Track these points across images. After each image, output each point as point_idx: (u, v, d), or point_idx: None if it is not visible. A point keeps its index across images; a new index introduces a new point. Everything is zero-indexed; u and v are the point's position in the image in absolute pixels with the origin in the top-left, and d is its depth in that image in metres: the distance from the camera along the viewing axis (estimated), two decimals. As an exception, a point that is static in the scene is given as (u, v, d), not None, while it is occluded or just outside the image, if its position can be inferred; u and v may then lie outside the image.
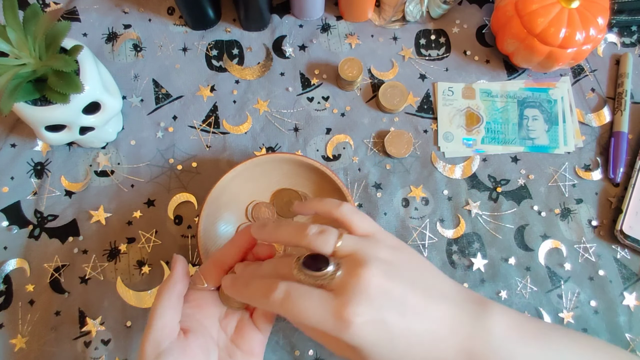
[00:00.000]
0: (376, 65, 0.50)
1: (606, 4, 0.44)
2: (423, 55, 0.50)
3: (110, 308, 0.41)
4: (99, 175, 0.45)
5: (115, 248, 0.43)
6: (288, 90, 0.48)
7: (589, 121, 0.48)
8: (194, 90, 0.48)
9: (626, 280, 0.43)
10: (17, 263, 0.42)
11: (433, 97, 0.49)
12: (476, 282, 0.43)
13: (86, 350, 0.40)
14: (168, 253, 0.43)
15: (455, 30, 0.51)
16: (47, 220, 0.43)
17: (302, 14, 0.50)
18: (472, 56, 0.50)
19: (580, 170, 0.47)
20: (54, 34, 0.36)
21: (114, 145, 0.46)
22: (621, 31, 0.52)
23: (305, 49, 0.50)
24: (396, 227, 0.45)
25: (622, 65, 0.50)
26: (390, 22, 0.51)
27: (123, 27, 0.49)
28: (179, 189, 0.45)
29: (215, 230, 0.41)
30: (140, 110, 0.47)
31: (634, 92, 0.49)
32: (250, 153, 0.46)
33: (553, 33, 0.43)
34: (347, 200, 0.40)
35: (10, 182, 0.44)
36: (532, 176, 0.46)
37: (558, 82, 0.49)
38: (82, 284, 0.42)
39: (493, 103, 0.48)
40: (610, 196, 0.46)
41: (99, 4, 0.50)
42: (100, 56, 0.48)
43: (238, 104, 0.48)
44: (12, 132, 0.46)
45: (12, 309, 0.41)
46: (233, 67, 0.49)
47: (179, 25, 0.50)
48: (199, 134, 0.47)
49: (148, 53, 0.49)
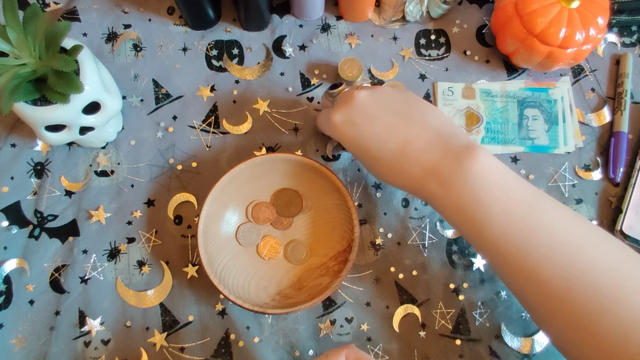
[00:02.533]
0: (376, 65, 0.50)
1: (606, 4, 0.44)
2: (423, 55, 0.50)
3: (110, 308, 0.41)
4: (99, 175, 0.45)
5: (115, 248, 0.43)
6: (288, 90, 0.48)
7: (589, 121, 0.48)
8: (194, 90, 0.48)
9: (626, 280, 0.43)
10: (17, 263, 0.42)
11: (433, 97, 0.49)
12: (476, 282, 0.43)
13: (86, 350, 0.40)
14: (168, 253, 0.43)
15: (455, 30, 0.51)
16: (47, 220, 0.43)
17: (302, 14, 0.50)
18: (472, 56, 0.50)
19: (580, 170, 0.47)
20: (54, 34, 0.36)
21: (114, 145, 0.46)
22: (621, 31, 0.52)
23: (305, 49, 0.50)
24: (396, 227, 0.45)
25: (622, 65, 0.50)
26: (390, 22, 0.51)
27: (123, 27, 0.49)
28: (179, 189, 0.45)
29: (215, 230, 0.41)
30: (140, 110, 0.47)
31: (634, 92, 0.49)
32: (250, 153, 0.46)
33: (553, 33, 0.43)
34: (347, 200, 0.40)
35: (10, 182, 0.44)
36: (532, 176, 0.46)
37: (558, 82, 0.49)
38: (82, 284, 0.42)
39: (493, 103, 0.48)
40: (610, 196, 0.46)
41: (99, 4, 0.50)
42: (100, 56, 0.48)
43: (238, 104, 0.48)
44: (12, 132, 0.46)
45: (12, 309, 0.41)
46: (233, 67, 0.49)
47: (179, 25, 0.50)
48: (199, 134, 0.47)
49: (148, 53, 0.49)
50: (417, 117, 0.35)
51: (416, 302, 0.43)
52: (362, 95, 0.36)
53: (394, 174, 0.35)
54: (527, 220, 0.31)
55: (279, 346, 0.41)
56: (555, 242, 0.30)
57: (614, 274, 0.29)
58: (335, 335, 0.42)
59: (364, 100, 0.36)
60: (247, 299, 0.38)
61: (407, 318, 0.42)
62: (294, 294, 0.40)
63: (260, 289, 0.40)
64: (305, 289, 0.40)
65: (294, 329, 0.41)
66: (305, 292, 0.40)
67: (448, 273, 0.43)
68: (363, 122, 0.35)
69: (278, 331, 0.41)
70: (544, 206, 0.31)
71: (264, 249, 0.43)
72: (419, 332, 0.42)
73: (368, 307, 0.42)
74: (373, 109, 0.35)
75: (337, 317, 0.42)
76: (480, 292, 0.43)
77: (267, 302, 0.39)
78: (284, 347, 0.41)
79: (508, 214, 0.31)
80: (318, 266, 0.42)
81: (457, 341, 0.41)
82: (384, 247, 0.44)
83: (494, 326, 0.42)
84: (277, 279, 0.42)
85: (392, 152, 0.34)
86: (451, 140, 0.33)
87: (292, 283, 0.41)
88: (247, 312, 0.42)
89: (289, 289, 0.41)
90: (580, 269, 0.29)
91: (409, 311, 0.42)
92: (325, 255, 0.42)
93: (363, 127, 0.35)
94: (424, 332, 0.42)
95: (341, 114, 0.36)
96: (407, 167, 0.34)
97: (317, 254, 0.42)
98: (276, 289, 0.41)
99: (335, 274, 0.39)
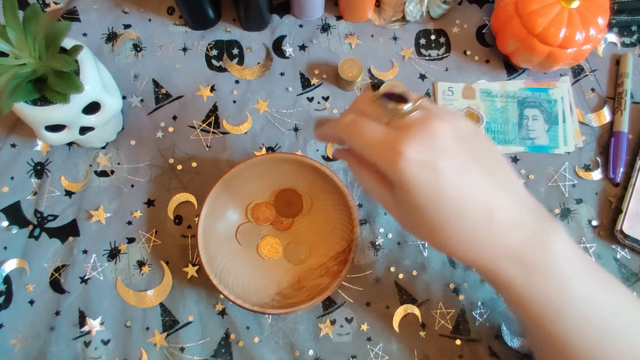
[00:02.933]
0: (376, 65, 0.50)
1: (606, 4, 0.44)
2: (423, 55, 0.50)
3: (110, 308, 0.41)
4: (99, 175, 0.45)
5: (115, 248, 0.43)
6: (288, 90, 0.48)
7: (589, 121, 0.48)
8: (194, 90, 0.48)
9: (626, 280, 0.43)
10: (17, 263, 0.42)
11: (433, 97, 0.49)
12: (476, 282, 0.43)
13: (86, 350, 0.40)
14: (168, 253, 0.43)
15: (455, 30, 0.51)
16: (47, 220, 0.43)
17: (302, 14, 0.50)
18: (472, 56, 0.50)
19: (580, 170, 0.47)
20: (54, 34, 0.36)
21: (114, 145, 0.46)
22: (621, 31, 0.52)
23: (305, 49, 0.50)
24: (396, 227, 0.45)
25: (622, 65, 0.50)
26: (390, 22, 0.51)
27: (123, 27, 0.49)
28: (179, 189, 0.45)
29: (215, 230, 0.41)
30: (140, 110, 0.47)
31: (634, 92, 0.49)
32: (250, 153, 0.46)
33: (553, 33, 0.43)
34: (347, 200, 0.40)
35: (10, 182, 0.44)
36: (532, 176, 0.46)
37: (558, 82, 0.49)
38: (82, 284, 0.42)
39: (493, 103, 0.48)
40: (610, 196, 0.46)
41: (99, 4, 0.50)
42: (100, 56, 0.48)
43: (238, 104, 0.48)
44: (12, 132, 0.46)
45: (12, 309, 0.41)
46: (233, 67, 0.49)
47: (179, 25, 0.50)
48: (199, 134, 0.47)
49: (148, 53, 0.49)
50: (505, 180, 0.28)
51: (416, 302, 0.43)
52: (447, 131, 0.26)
53: (466, 247, 0.28)
54: (605, 307, 0.29)
55: (279, 346, 0.41)
56: (630, 331, 0.29)
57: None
58: (335, 335, 0.42)
59: (450, 139, 0.26)
60: (247, 299, 0.38)
61: (407, 318, 0.42)
62: (293, 294, 0.40)
63: (260, 289, 0.40)
64: (305, 289, 0.40)
65: (294, 329, 0.41)
66: (305, 292, 0.40)
67: (448, 273, 0.43)
68: (448, 172, 0.26)
69: (278, 331, 0.41)
70: (616, 291, 0.30)
71: (264, 249, 0.43)
72: (419, 332, 0.42)
73: (368, 307, 0.42)
74: (463, 158, 0.26)
75: (337, 317, 0.42)
76: (480, 292, 0.43)
77: (267, 302, 0.39)
78: (284, 347, 0.41)
79: (591, 299, 0.28)
80: (318, 266, 0.42)
81: (457, 341, 0.42)
82: (384, 247, 0.44)
83: (494, 326, 0.42)
84: (277, 279, 0.42)
85: (472, 222, 0.27)
86: (537, 217, 0.28)
87: (292, 283, 0.41)
88: (247, 312, 0.42)
89: (288, 289, 0.41)
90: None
91: (409, 311, 0.42)
92: (325, 255, 0.42)
93: (448, 181, 0.26)
94: (424, 332, 0.42)
95: (419, 151, 0.26)
96: (488, 244, 0.27)
97: (317, 254, 0.42)
98: (276, 289, 0.41)
99: (335, 274, 0.39)
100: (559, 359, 0.31)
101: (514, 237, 0.27)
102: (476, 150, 0.28)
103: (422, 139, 0.26)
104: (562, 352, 0.30)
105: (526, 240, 0.27)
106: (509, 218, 0.27)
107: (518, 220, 0.27)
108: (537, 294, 0.28)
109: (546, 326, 0.29)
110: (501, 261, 0.27)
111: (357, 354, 0.41)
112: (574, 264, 0.28)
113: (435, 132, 0.26)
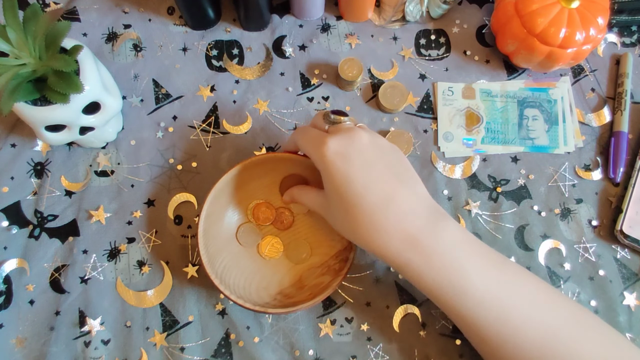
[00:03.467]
0: (376, 65, 0.50)
1: (606, 4, 0.44)
2: (423, 55, 0.50)
3: (110, 308, 0.41)
4: (99, 175, 0.45)
5: (115, 248, 0.43)
6: (288, 90, 0.48)
7: (589, 121, 0.48)
8: (194, 90, 0.48)
9: (626, 280, 0.43)
10: (17, 263, 0.42)
11: (433, 97, 0.49)
12: (476, 282, 0.43)
13: (86, 350, 0.40)
14: (168, 253, 0.43)
15: (455, 30, 0.51)
16: (47, 220, 0.43)
17: (302, 14, 0.50)
18: (472, 56, 0.50)
19: (580, 170, 0.47)
20: (54, 34, 0.36)
21: (114, 145, 0.46)
22: (621, 31, 0.52)
23: (305, 49, 0.50)
24: (396, 227, 0.45)
25: (622, 65, 0.50)
26: (390, 22, 0.51)
27: (123, 27, 0.49)
28: (179, 189, 0.45)
29: (215, 230, 0.41)
30: (140, 110, 0.47)
31: (634, 92, 0.49)
32: (250, 153, 0.46)
33: (553, 33, 0.43)
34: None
35: (10, 182, 0.44)
36: (532, 176, 0.46)
37: (558, 82, 0.49)
38: (82, 284, 0.42)
39: (493, 103, 0.48)
40: (610, 196, 0.46)
41: (99, 4, 0.50)
42: (100, 56, 0.48)
43: (238, 104, 0.48)
44: (12, 132, 0.46)
45: (12, 309, 0.41)
46: (233, 67, 0.49)
47: (179, 25, 0.50)
48: (199, 134, 0.47)
49: (148, 53, 0.49)
50: (408, 181, 0.34)
51: (416, 302, 0.43)
52: (365, 137, 0.34)
53: (368, 230, 0.33)
54: (503, 285, 0.33)
55: (279, 346, 0.41)
56: (534, 303, 0.33)
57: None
58: (335, 335, 0.42)
59: (365, 142, 0.34)
60: (248, 298, 0.38)
61: (407, 318, 0.42)
62: (295, 293, 0.40)
63: (261, 289, 0.40)
64: (307, 288, 0.40)
65: (294, 329, 0.41)
66: (306, 291, 0.40)
67: (448, 273, 0.43)
68: (357, 163, 0.33)
69: (278, 331, 0.41)
70: (511, 269, 0.34)
71: (265, 249, 0.43)
72: (419, 332, 0.42)
73: (368, 307, 0.42)
74: (371, 155, 0.33)
75: (337, 317, 0.42)
76: (481, 292, 0.43)
77: (268, 301, 0.39)
78: (284, 347, 0.41)
79: (486, 277, 0.32)
80: (319, 265, 0.42)
81: (457, 341, 0.41)
82: (384, 247, 0.44)
83: (494, 326, 0.42)
84: (278, 279, 0.42)
85: (373, 205, 0.32)
86: (433, 211, 0.34)
87: (293, 282, 0.41)
88: (247, 312, 0.42)
89: (290, 288, 0.41)
90: (554, 331, 0.32)
91: (409, 311, 0.42)
92: (326, 254, 0.42)
93: (355, 168, 0.33)
94: (424, 332, 0.42)
95: (338, 144, 0.33)
96: (385, 227, 0.32)
97: (317, 252, 0.42)
98: (277, 288, 0.41)
99: (336, 272, 0.39)
100: (474, 340, 0.35)
101: (409, 222, 0.32)
102: (388, 158, 0.34)
103: (343, 138, 0.34)
104: (475, 334, 0.33)
105: (420, 227, 0.32)
106: (405, 208, 0.32)
107: (414, 210, 0.33)
108: (437, 277, 0.32)
109: (455, 308, 0.33)
110: (399, 246, 0.32)
111: (357, 353, 0.41)
112: (465, 247, 0.33)
113: (356, 136, 0.34)
